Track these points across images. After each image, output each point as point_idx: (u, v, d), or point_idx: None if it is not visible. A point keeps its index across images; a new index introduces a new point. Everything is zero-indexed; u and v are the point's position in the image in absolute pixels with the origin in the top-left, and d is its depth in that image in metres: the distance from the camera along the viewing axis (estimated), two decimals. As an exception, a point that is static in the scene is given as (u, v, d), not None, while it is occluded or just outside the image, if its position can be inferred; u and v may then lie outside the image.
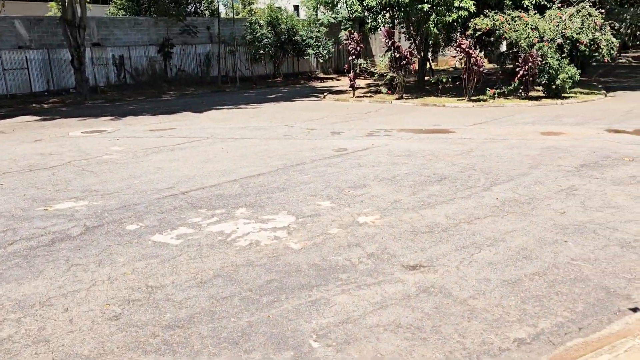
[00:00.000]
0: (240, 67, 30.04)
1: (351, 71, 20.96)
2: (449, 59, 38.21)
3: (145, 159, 10.00)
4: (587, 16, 18.74)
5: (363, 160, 9.51)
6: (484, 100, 18.32)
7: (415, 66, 21.37)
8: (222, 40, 28.54)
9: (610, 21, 19.59)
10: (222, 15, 35.01)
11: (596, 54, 19.33)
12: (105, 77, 25.38)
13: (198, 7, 32.52)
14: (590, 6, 19.03)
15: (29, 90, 22.97)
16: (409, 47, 20.30)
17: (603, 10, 19.16)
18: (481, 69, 18.10)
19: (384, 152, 10.22)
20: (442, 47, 28.01)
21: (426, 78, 24.46)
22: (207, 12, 33.12)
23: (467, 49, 17.62)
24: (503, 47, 28.42)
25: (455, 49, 18.24)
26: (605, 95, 19.63)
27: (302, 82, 30.97)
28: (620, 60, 36.15)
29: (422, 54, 21.28)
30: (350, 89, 21.35)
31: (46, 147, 11.53)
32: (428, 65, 26.07)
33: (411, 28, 21.97)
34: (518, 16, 18.34)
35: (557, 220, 6.15)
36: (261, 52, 29.83)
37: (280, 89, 26.76)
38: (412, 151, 10.20)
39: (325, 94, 22.57)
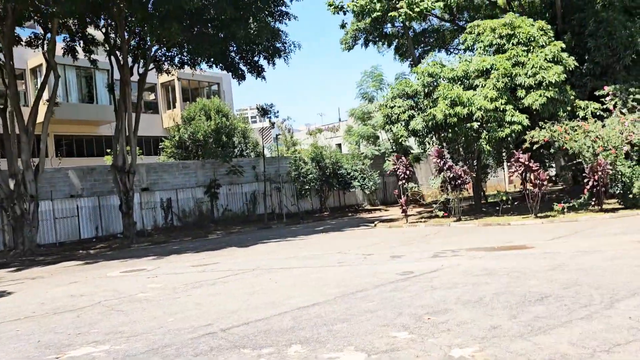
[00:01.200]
0: (286, 203, 29.73)
1: (402, 196, 19.98)
2: (498, 184, 37.12)
3: (183, 295, 8.77)
4: (653, 121, 17.59)
5: (435, 282, 7.97)
6: (553, 216, 16.68)
7: (470, 186, 20.27)
8: (268, 178, 28.62)
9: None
10: (267, 154, 35.83)
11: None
12: (152, 221, 25.29)
13: (244, 149, 33.41)
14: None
15: (78, 237, 22.89)
16: (460, 167, 19.32)
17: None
18: (544, 183, 16.76)
19: (458, 272, 8.67)
20: (492, 168, 27.03)
21: (481, 201, 23.19)
22: (252, 154, 33.93)
23: (526, 162, 16.47)
24: (553, 168, 27.23)
25: (513, 164, 17.12)
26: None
27: (350, 214, 30.20)
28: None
29: (475, 174, 20.25)
30: (403, 214, 20.22)
31: (79, 288, 10.53)
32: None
33: (460, 149, 21.26)
34: (577, 125, 17.36)
35: None
36: (306, 187, 29.65)
37: (328, 221, 25.90)
38: (491, 269, 8.61)
39: (375, 222, 21.45)
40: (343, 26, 24.00)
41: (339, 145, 46.44)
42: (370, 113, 35.78)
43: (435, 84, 19.13)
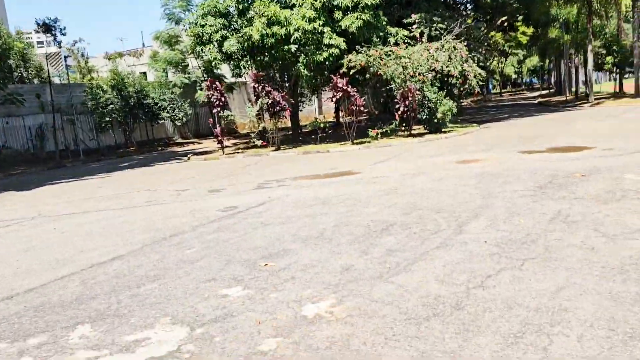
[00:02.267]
0: (83, 138, 25.85)
1: (217, 126, 18.37)
2: (309, 115, 37.51)
3: None
4: (453, 49, 18.47)
5: (265, 217, 6.84)
6: (368, 142, 16.80)
7: (287, 114, 19.44)
8: (58, 109, 24.32)
9: (472, 53, 19.65)
10: (57, 82, 30.70)
11: (466, 85, 19.11)
12: None
13: (24, 75, 27.95)
14: (453, 39, 18.85)
15: None
16: (279, 93, 18.31)
17: (466, 43, 19.09)
18: (362, 109, 16.67)
19: (288, 203, 7.66)
20: (307, 97, 26.74)
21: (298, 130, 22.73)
22: (36, 80, 28.63)
23: (344, 87, 16.08)
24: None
25: (331, 89, 16.61)
26: (479, 127, 19.40)
27: (160, 148, 27.61)
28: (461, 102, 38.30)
29: (293, 101, 19.45)
30: (219, 146, 18.70)
31: None
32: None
33: (277, 75, 20.23)
34: (391, 50, 17.40)
35: (601, 261, 4.04)
36: (107, 119, 26.01)
37: (135, 157, 23.20)
38: (323, 198, 7.78)
39: (189, 155, 19.60)
40: None
41: (144, 74, 42.20)
42: (178, 37, 32.54)
43: (250, 1, 17.44)
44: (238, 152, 18.39)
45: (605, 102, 27.53)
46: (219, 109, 17.91)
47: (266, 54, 17.63)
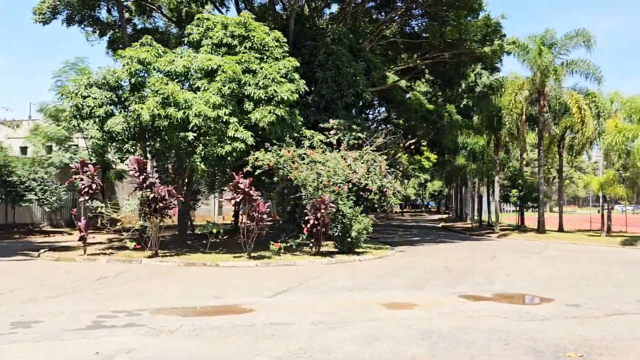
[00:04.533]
0: None
1: (81, 218, 14.66)
2: (207, 214, 34.24)
3: None
4: (372, 161, 16.68)
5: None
6: (268, 257, 13.89)
7: (174, 212, 16.14)
8: None
9: (391, 169, 18.00)
10: None
11: (383, 202, 17.14)
12: None
13: None
14: (373, 151, 17.14)
15: None
16: (164, 187, 15.11)
17: (386, 157, 17.44)
18: (264, 216, 13.89)
19: (120, 376, 4.42)
20: (204, 195, 23.68)
21: (187, 232, 19.35)
22: None
23: (246, 189, 13.34)
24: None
25: (231, 190, 13.78)
26: (394, 250, 17.26)
27: (17, 236, 22.75)
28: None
29: (183, 198, 16.25)
30: (81, 242, 14.81)
31: None
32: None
33: (170, 167, 17.20)
34: (305, 153, 15.15)
35: None
36: (-48, 195, 21.14)
37: (-26, 245, 18.38)
38: (186, 367, 4.63)
39: (42, 251, 15.40)
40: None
41: (24, 149, 37.22)
42: (68, 112, 28.89)
43: (146, 75, 14.78)
44: (105, 254, 14.62)
45: (511, 235, 27.05)
46: (87, 197, 14.33)
47: (158, 139, 14.72)
